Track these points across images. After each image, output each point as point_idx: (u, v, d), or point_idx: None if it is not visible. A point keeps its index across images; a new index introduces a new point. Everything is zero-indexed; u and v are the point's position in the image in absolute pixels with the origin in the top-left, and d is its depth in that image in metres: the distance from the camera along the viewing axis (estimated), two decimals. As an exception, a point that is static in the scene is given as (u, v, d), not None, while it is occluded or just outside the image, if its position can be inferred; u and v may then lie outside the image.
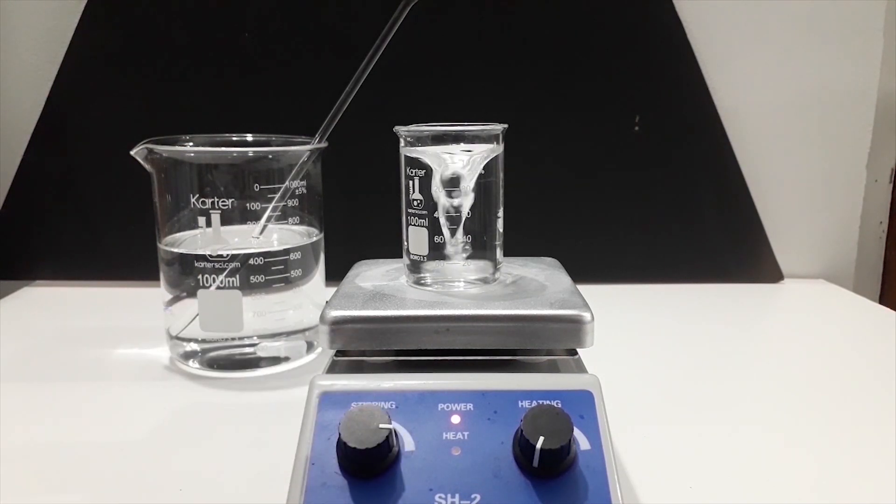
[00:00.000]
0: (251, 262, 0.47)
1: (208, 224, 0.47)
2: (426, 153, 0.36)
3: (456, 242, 0.36)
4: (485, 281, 0.37)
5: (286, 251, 0.48)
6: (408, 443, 0.28)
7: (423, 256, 0.37)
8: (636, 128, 0.71)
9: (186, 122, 0.60)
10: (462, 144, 0.36)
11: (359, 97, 0.48)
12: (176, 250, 0.48)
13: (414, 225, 0.37)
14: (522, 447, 0.27)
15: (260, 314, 0.48)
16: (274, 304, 0.48)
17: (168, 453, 0.39)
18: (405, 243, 0.38)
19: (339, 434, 0.27)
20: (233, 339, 0.49)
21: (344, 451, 0.27)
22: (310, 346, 0.52)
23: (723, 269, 0.74)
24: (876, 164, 0.76)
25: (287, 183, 0.48)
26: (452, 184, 0.36)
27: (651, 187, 0.72)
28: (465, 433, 0.28)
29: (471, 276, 0.37)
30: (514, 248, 0.42)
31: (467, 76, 0.70)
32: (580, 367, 0.34)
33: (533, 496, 0.27)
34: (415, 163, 0.36)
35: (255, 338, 0.49)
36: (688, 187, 0.73)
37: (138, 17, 0.68)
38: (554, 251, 0.46)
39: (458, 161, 0.35)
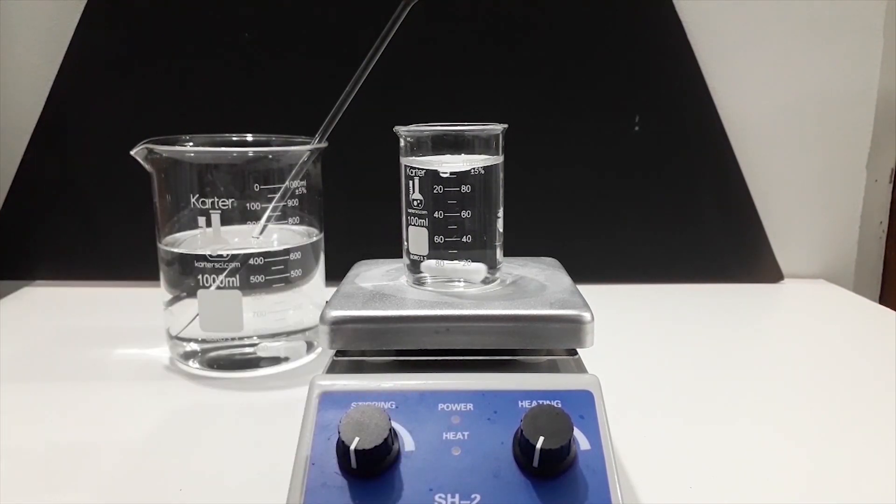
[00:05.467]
0: (251, 262, 0.47)
1: (208, 224, 0.47)
2: (422, 163, 0.36)
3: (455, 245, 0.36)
4: (485, 281, 0.37)
5: (286, 251, 0.48)
6: (408, 443, 0.28)
7: (423, 256, 0.37)
8: (636, 128, 0.71)
9: (186, 122, 0.60)
10: (462, 154, 0.36)
11: (359, 97, 0.48)
12: (176, 250, 0.48)
13: (414, 225, 0.37)
14: (522, 447, 0.27)
15: (260, 314, 0.48)
16: (274, 304, 0.48)
17: (168, 453, 0.39)
18: (405, 243, 0.38)
19: (339, 434, 0.27)
20: (233, 339, 0.49)
21: (344, 451, 0.27)
22: (310, 346, 0.52)
23: (723, 269, 0.74)
24: (876, 164, 0.76)
25: (287, 183, 0.48)
26: (449, 185, 0.36)
27: (651, 187, 0.72)
28: (465, 433, 0.28)
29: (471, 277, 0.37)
30: (514, 248, 0.42)
31: (467, 76, 0.70)
32: (580, 367, 0.34)
33: (533, 496, 0.27)
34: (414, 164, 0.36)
35: (255, 338, 0.49)
36: (688, 187, 0.73)
37: (138, 17, 0.68)
38: (554, 251, 0.46)
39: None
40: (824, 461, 0.38)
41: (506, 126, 0.37)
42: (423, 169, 0.36)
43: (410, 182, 0.37)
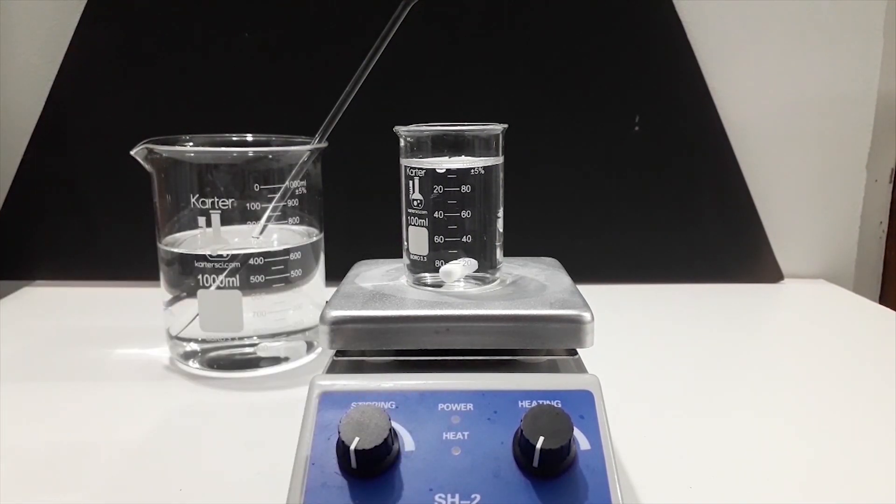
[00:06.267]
0: (251, 262, 0.47)
1: (208, 224, 0.47)
2: (422, 163, 0.36)
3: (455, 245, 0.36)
4: (484, 281, 0.37)
5: (286, 251, 0.48)
6: (408, 443, 0.28)
7: (423, 256, 0.37)
8: (636, 128, 0.71)
9: (186, 122, 0.60)
10: (462, 155, 0.36)
11: (359, 97, 0.48)
12: (176, 250, 0.48)
13: (414, 225, 0.37)
14: (522, 447, 0.27)
15: (260, 314, 0.48)
16: (274, 304, 0.48)
17: (168, 453, 0.39)
18: (405, 243, 0.38)
19: (339, 434, 0.27)
20: (233, 339, 0.49)
21: (344, 451, 0.27)
22: (310, 346, 0.52)
23: (723, 269, 0.74)
24: (876, 164, 0.76)
25: (287, 183, 0.48)
26: (449, 185, 0.36)
27: (651, 187, 0.72)
28: (465, 433, 0.28)
29: (471, 276, 0.37)
30: (514, 248, 0.42)
31: (467, 76, 0.70)
32: (580, 367, 0.34)
33: (533, 496, 0.27)
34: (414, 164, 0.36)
35: (255, 338, 0.49)
36: (688, 187, 0.73)
37: (138, 16, 0.68)
38: (554, 251, 0.46)
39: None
40: (824, 461, 0.38)
41: (506, 126, 0.37)
42: (423, 169, 0.36)
43: (410, 182, 0.37)
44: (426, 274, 0.37)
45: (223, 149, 0.50)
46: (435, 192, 0.36)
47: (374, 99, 0.54)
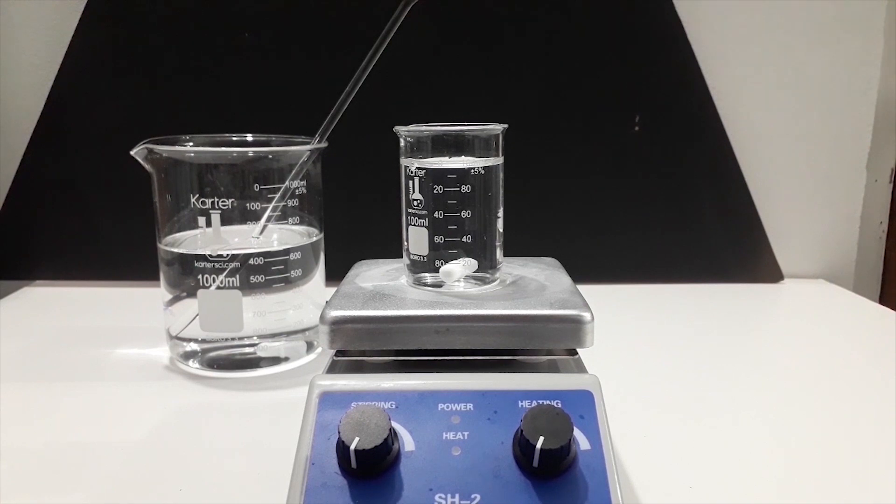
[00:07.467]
0: (251, 262, 0.47)
1: (208, 224, 0.47)
2: (422, 163, 0.36)
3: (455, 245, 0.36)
4: (484, 281, 0.37)
5: (286, 251, 0.48)
6: (408, 443, 0.28)
7: (423, 256, 0.37)
8: (636, 128, 0.71)
9: (186, 122, 0.60)
10: (462, 155, 0.36)
11: (359, 97, 0.48)
12: (176, 250, 0.48)
13: (414, 225, 0.37)
14: (522, 447, 0.27)
15: (260, 314, 0.48)
16: (274, 304, 0.48)
17: (168, 453, 0.39)
18: (405, 243, 0.38)
19: (339, 434, 0.27)
20: (233, 339, 0.49)
21: (344, 451, 0.27)
22: (310, 346, 0.52)
23: (723, 269, 0.74)
24: (876, 164, 0.76)
25: (287, 183, 0.48)
26: (449, 185, 0.36)
27: (651, 187, 0.72)
28: (465, 433, 0.28)
29: (471, 276, 0.37)
30: (514, 248, 0.42)
31: (467, 76, 0.70)
32: (580, 367, 0.34)
33: (533, 496, 0.27)
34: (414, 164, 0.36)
35: (255, 338, 0.49)
36: (688, 187, 0.73)
37: (138, 17, 0.68)
38: (554, 251, 0.46)
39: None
40: (824, 461, 0.38)
41: (506, 126, 0.37)
42: (423, 169, 0.36)
43: (410, 182, 0.37)
44: (426, 274, 0.37)
45: (223, 149, 0.50)
46: (435, 192, 0.36)
47: (374, 99, 0.54)
